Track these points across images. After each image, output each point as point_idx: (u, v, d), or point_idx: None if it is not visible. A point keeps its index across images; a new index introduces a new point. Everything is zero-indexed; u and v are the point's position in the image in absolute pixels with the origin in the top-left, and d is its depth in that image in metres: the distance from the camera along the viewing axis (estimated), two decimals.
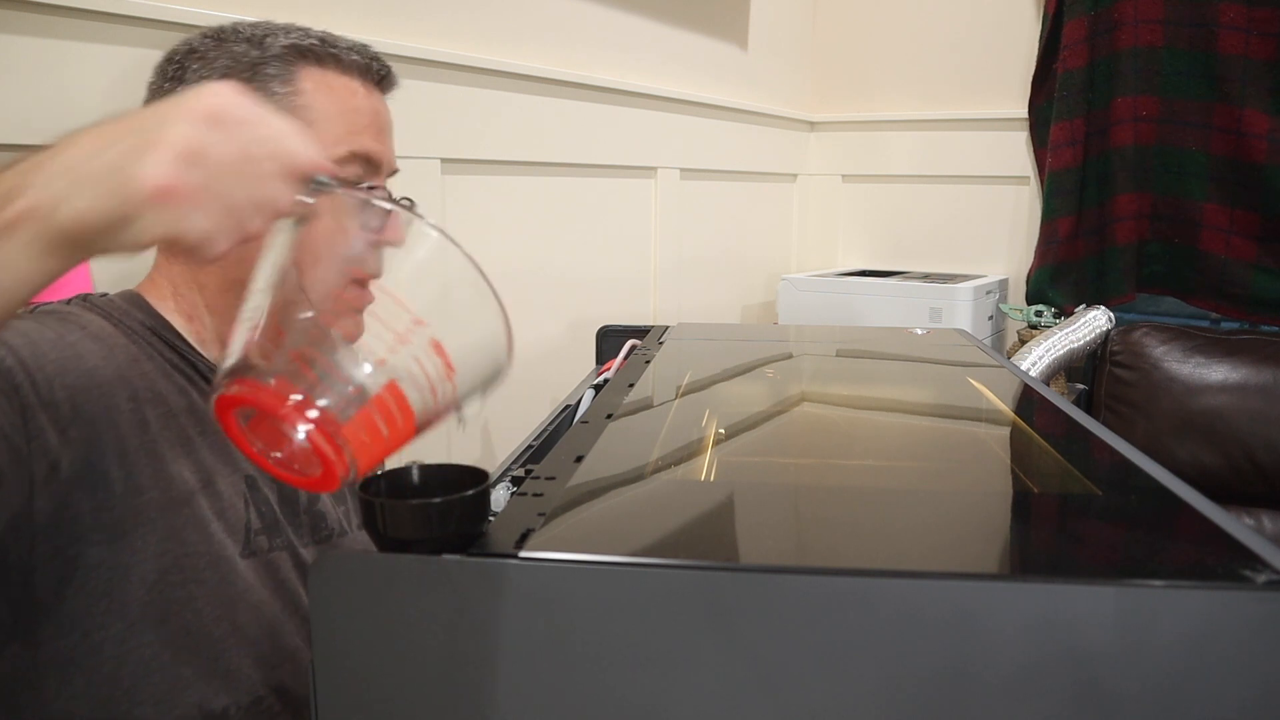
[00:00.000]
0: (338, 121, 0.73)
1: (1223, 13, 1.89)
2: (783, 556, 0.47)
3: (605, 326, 1.19)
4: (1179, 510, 0.50)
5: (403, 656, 0.42)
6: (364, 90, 0.76)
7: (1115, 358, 1.87)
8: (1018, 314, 2.10)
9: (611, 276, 1.80)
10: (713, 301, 2.17)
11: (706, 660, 0.40)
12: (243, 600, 0.71)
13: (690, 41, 1.98)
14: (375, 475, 0.46)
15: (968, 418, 0.77)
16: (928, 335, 1.12)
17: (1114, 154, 2.05)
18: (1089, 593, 0.39)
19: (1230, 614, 0.38)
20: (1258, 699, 0.38)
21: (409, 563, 0.42)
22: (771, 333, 1.34)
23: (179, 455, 0.69)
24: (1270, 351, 1.77)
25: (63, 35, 0.91)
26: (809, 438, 0.73)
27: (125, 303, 0.74)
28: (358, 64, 0.76)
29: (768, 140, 2.33)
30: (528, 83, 1.50)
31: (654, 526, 0.49)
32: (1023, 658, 0.39)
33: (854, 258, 2.53)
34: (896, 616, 0.39)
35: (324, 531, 0.80)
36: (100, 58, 0.93)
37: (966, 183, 2.34)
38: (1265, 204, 1.91)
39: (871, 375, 0.96)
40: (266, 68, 0.72)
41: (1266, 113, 1.87)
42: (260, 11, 1.09)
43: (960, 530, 0.50)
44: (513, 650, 0.41)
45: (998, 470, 0.63)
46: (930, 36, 2.34)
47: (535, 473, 0.56)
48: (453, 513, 0.43)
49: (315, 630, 0.43)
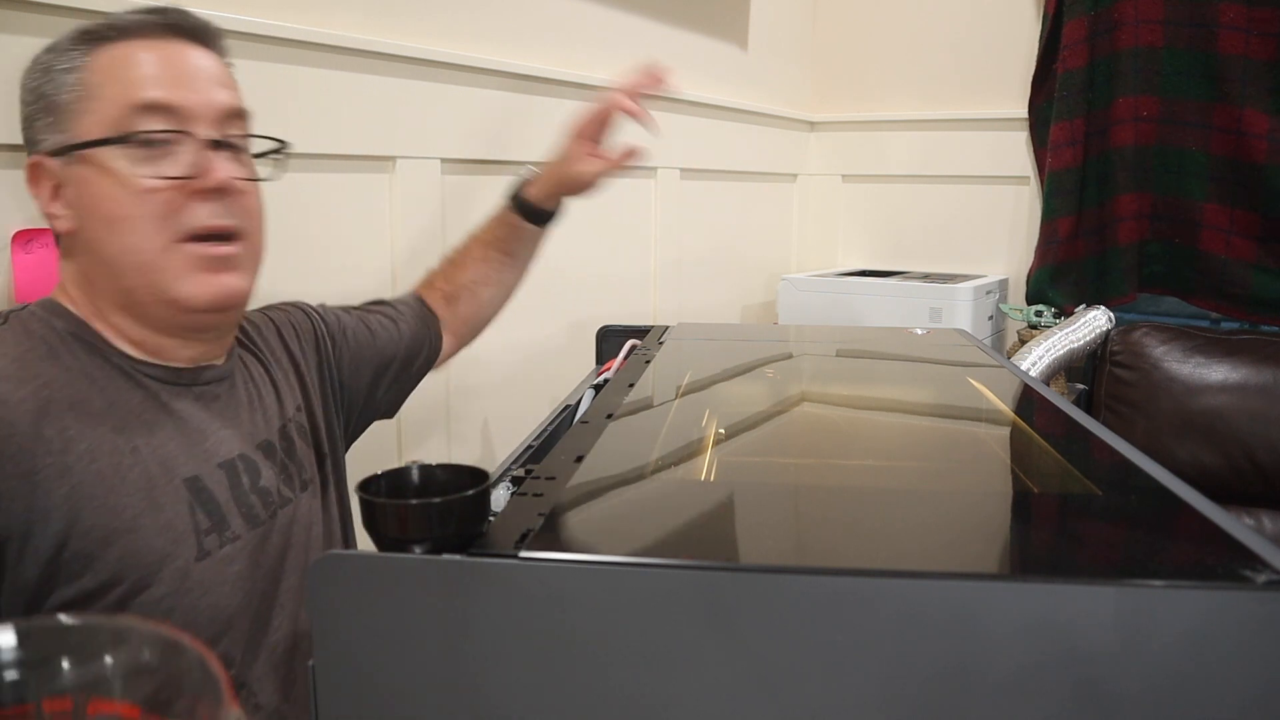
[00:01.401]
0: (114, 86, 0.72)
1: (1223, 13, 1.88)
2: (783, 556, 0.47)
3: (605, 326, 1.19)
4: (1179, 510, 0.50)
5: (403, 656, 0.42)
6: (151, 47, 0.74)
7: (1115, 358, 1.87)
8: (1018, 314, 2.10)
9: (611, 276, 1.80)
10: (713, 301, 2.17)
11: (706, 660, 0.40)
12: (198, 606, 0.72)
13: (690, 41, 1.98)
14: (375, 475, 0.46)
15: (968, 418, 0.77)
16: (928, 335, 1.12)
17: (1114, 154, 2.05)
18: (1089, 593, 0.39)
19: (1230, 614, 0.38)
20: (1258, 699, 0.38)
21: (409, 563, 0.42)
22: (771, 333, 1.34)
23: (116, 478, 0.70)
24: (1270, 351, 1.77)
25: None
26: (809, 438, 0.73)
27: (45, 312, 0.74)
28: (139, 25, 0.75)
29: (768, 140, 2.33)
30: (528, 83, 1.50)
31: (654, 526, 0.49)
32: (1023, 658, 0.39)
33: (854, 258, 2.53)
34: (896, 616, 0.39)
35: (271, 505, 0.81)
36: None
37: (966, 183, 2.34)
38: (1265, 204, 1.91)
39: (871, 375, 0.96)
40: (56, 64, 0.74)
41: (1266, 113, 1.87)
42: (260, 11, 1.09)
43: (960, 530, 0.50)
44: (513, 650, 0.41)
45: (998, 470, 0.63)
46: (930, 36, 2.34)
47: (535, 473, 0.56)
48: (453, 513, 0.43)
49: (315, 630, 0.43)
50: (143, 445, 0.73)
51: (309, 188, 1.18)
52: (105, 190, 0.72)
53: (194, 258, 0.74)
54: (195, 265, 0.74)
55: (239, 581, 0.76)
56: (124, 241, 0.73)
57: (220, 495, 0.77)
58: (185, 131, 0.74)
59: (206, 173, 0.74)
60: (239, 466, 0.79)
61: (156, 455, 0.73)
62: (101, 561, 0.68)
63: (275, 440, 0.85)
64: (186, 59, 0.76)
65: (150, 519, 0.71)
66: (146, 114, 0.72)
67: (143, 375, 0.75)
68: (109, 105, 0.72)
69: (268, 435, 0.84)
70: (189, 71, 0.75)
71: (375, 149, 1.27)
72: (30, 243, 0.90)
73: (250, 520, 0.78)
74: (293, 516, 0.84)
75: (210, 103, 0.75)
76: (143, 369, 0.76)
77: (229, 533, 0.76)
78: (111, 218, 0.72)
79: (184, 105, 0.74)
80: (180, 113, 0.74)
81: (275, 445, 0.85)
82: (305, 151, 1.16)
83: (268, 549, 0.80)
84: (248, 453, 0.81)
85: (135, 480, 0.71)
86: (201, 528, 0.74)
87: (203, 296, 0.74)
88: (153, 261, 0.73)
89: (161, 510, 0.72)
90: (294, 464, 0.86)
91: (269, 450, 0.84)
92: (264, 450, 0.83)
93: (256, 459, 0.81)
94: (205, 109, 0.75)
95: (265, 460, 0.82)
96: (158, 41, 0.75)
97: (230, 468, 0.78)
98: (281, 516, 0.82)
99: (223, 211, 0.75)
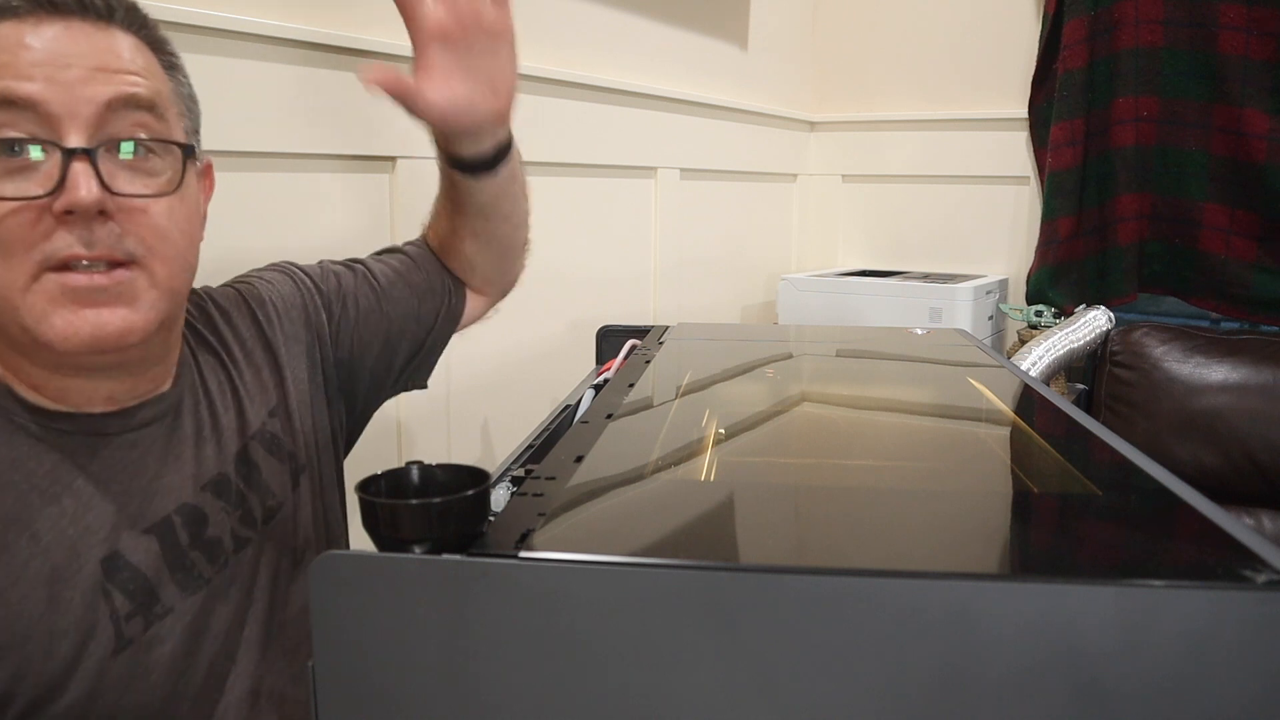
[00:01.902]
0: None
1: (1223, 13, 1.88)
2: (783, 556, 0.47)
3: (605, 326, 1.19)
4: (1179, 510, 0.50)
5: (403, 656, 0.42)
6: (18, 27, 0.59)
7: (1115, 358, 1.87)
8: (1018, 314, 2.10)
9: (611, 276, 1.80)
10: (713, 301, 2.17)
11: (706, 660, 0.40)
12: (120, 705, 0.64)
13: (690, 41, 1.98)
14: (375, 475, 0.46)
15: (968, 418, 0.77)
16: (928, 335, 1.12)
17: (1114, 154, 2.05)
18: (1089, 593, 0.39)
19: (1230, 614, 0.38)
20: (1258, 699, 0.38)
21: (409, 563, 0.42)
22: (771, 333, 1.34)
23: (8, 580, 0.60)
24: (1270, 351, 1.77)
25: None
26: (809, 438, 0.73)
27: None
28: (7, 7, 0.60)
29: (767, 140, 2.33)
30: (528, 83, 1.50)
31: (654, 526, 0.49)
32: (1023, 658, 0.39)
33: (854, 258, 2.53)
34: (896, 616, 0.39)
35: (221, 558, 0.71)
36: None
37: (966, 183, 2.34)
38: (1265, 204, 1.91)
39: (871, 375, 0.96)
40: None
41: (1266, 113, 1.87)
42: (259, 11, 1.09)
43: (960, 530, 0.50)
44: (513, 650, 0.41)
45: (998, 470, 0.63)
46: (930, 36, 2.34)
47: (535, 473, 0.56)
48: (453, 513, 0.43)
49: (315, 630, 0.43)
50: (45, 529, 0.62)
51: (309, 188, 1.18)
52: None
53: (59, 290, 0.60)
54: (58, 300, 0.60)
55: (171, 663, 0.66)
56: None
57: (148, 566, 0.66)
58: (42, 139, 0.59)
59: (68, 189, 0.58)
60: (175, 523, 0.68)
61: (63, 538, 0.62)
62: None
63: (231, 471, 0.73)
64: (61, 42, 0.60)
65: (51, 621, 0.60)
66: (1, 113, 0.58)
67: (56, 433, 0.64)
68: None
69: (220, 468, 0.73)
70: (61, 57, 0.59)
71: (375, 149, 1.27)
72: None
73: (188, 586, 0.68)
74: (257, 557, 0.73)
75: (83, 98, 0.59)
76: (56, 424, 0.64)
77: (157, 608, 0.66)
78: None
79: (44, 101, 0.58)
80: (40, 110, 0.59)
81: (230, 478, 0.73)
82: (305, 152, 1.16)
83: (217, 609, 0.70)
84: (190, 500, 0.70)
85: (33, 576, 0.61)
86: (121, 613, 0.63)
87: (74, 337, 0.60)
88: (11, 297, 0.60)
89: (66, 607, 0.61)
90: (256, 493, 0.75)
91: (221, 488, 0.72)
92: (214, 489, 0.72)
93: (203, 504, 0.70)
94: (76, 105, 0.59)
95: (215, 500, 0.71)
96: (28, 21, 0.59)
97: (165, 527, 0.68)
98: (240, 562, 0.72)
99: (92, 238, 0.60)
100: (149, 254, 0.63)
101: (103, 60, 0.61)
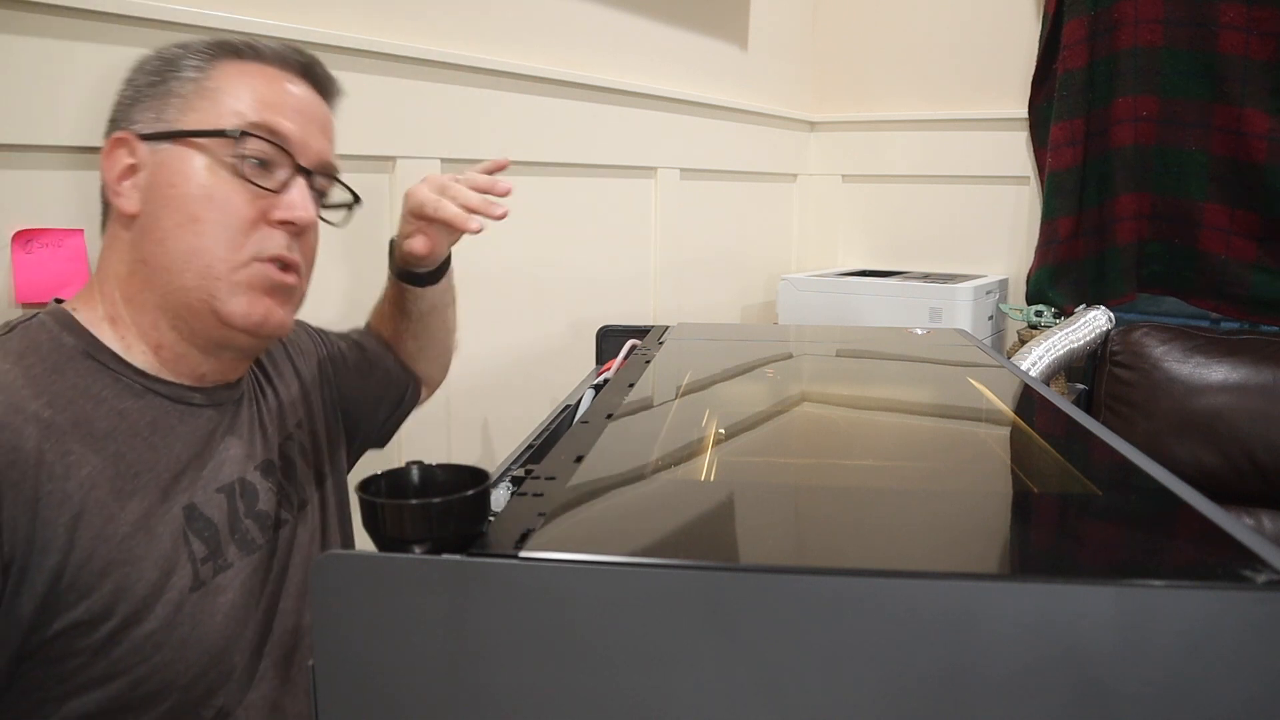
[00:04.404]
0: (235, 97, 0.75)
1: (1223, 13, 1.88)
2: (783, 556, 0.47)
3: (605, 326, 1.19)
4: (1179, 510, 0.50)
5: (403, 656, 0.42)
6: (282, 76, 0.78)
7: (1115, 358, 1.87)
8: (1018, 314, 2.10)
9: (611, 276, 1.80)
10: (713, 301, 2.17)
11: (706, 660, 0.40)
12: (188, 640, 0.70)
13: (690, 41, 1.98)
14: (375, 475, 0.46)
15: (968, 418, 0.77)
16: (928, 335, 1.12)
17: (1114, 154, 2.05)
18: (1089, 593, 0.39)
19: (1230, 614, 0.38)
20: (1258, 699, 0.38)
21: (409, 563, 0.42)
22: (771, 333, 1.34)
23: (115, 506, 0.68)
24: (1270, 351, 1.77)
25: (60, 35, 0.91)
26: (809, 438, 0.73)
27: (54, 323, 0.72)
28: (276, 54, 0.78)
29: (767, 140, 2.33)
30: (528, 82, 1.50)
31: (654, 526, 0.49)
32: (1023, 658, 0.39)
33: (854, 258, 2.53)
34: (896, 616, 0.39)
35: (269, 529, 0.80)
36: (99, 57, 0.93)
37: (966, 183, 2.34)
38: (1265, 204, 1.91)
39: (871, 375, 0.96)
40: (185, 59, 0.76)
41: (1266, 113, 1.87)
42: (260, 11, 1.09)
43: (960, 530, 0.50)
44: (513, 650, 0.41)
45: (998, 470, 0.63)
46: (930, 36, 2.35)
47: (535, 473, 0.56)
48: (453, 513, 0.43)
49: (316, 630, 0.43)
50: (144, 471, 0.70)
51: None
52: (194, 187, 0.72)
53: (261, 278, 0.75)
54: (258, 286, 0.75)
55: (231, 611, 0.74)
56: (195, 242, 0.72)
57: (219, 521, 0.75)
58: (293, 158, 0.76)
59: (294, 205, 0.76)
60: (236, 491, 0.78)
61: (158, 481, 0.71)
62: (97, 593, 0.65)
63: (275, 459, 0.84)
64: (307, 102, 0.79)
65: (146, 549, 0.68)
66: (260, 133, 0.74)
67: (153, 394, 0.73)
68: (224, 112, 0.74)
69: (268, 455, 0.83)
70: (306, 113, 0.78)
71: (375, 149, 1.27)
72: (30, 243, 0.90)
73: (245, 547, 0.77)
74: (291, 538, 0.83)
75: (316, 149, 0.79)
76: (154, 386, 0.74)
77: (223, 560, 0.74)
78: (192, 215, 0.72)
79: (295, 140, 0.76)
80: (290, 144, 0.76)
81: (275, 464, 0.84)
82: None
83: (264, 575, 0.78)
84: (247, 476, 0.79)
85: (134, 508, 0.69)
86: (198, 556, 0.72)
87: (252, 317, 0.74)
88: (217, 270, 0.73)
89: (158, 540, 0.70)
90: (292, 485, 0.85)
91: (268, 470, 0.83)
92: (263, 470, 0.82)
93: (255, 481, 0.80)
94: (310, 152, 0.78)
95: (264, 480, 0.81)
96: (288, 75, 0.78)
97: (229, 492, 0.77)
98: (279, 539, 0.81)
99: (294, 245, 0.77)
100: (306, 267, 0.80)
101: (324, 126, 0.81)
